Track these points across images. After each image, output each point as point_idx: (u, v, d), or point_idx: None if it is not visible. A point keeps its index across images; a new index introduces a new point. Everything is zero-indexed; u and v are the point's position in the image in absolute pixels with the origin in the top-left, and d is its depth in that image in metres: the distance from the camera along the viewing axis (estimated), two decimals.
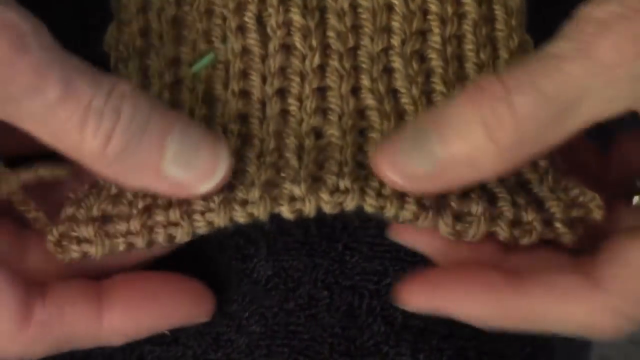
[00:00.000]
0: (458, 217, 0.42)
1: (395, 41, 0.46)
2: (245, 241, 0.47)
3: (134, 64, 0.46)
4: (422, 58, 0.46)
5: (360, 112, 0.45)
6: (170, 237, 0.43)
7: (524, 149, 0.40)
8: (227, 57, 0.46)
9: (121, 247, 0.43)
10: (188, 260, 0.46)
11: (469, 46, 0.46)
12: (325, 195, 0.42)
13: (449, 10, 0.46)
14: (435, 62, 0.46)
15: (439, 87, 0.46)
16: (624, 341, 1.14)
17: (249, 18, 0.46)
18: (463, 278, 0.42)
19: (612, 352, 1.16)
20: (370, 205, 0.42)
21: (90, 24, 0.48)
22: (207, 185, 0.42)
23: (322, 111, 0.45)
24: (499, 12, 0.47)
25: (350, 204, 0.42)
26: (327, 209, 0.42)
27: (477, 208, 0.42)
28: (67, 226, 0.43)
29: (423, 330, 0.47)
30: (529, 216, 0.43)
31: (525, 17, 0.47)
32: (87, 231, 0.43)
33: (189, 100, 0.45)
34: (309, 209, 0.42)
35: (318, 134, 0.45)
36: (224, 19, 0.47)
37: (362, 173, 0.43)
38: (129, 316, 0.43)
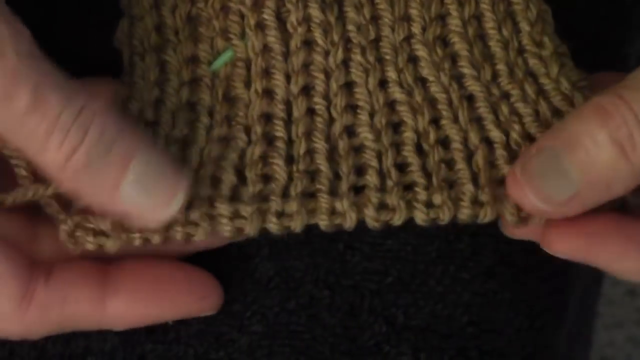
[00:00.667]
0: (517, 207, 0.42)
1: (416, 29, 0.46)
2: (246, 241, 0.47)
3: (151, 59, 0.46)
4: (445, 43, 0.46)
5: (390, 106, 0.45)
6: (188, 236, 0.42)
7: None
8: (247, 54, 0.46)
9: (137, 242, 0.42)
10: (189, 259, 0.46)
11: (489, 24, 0.46)
12: (371, 213, 0.42)
13: None
14: (459, 45, 0.46)
15: (467, 70, 0.45)
16: (624, 341, 1.14)
17: (268, 15, 0.46)
18: (613, 225, 0.42)
19: (612, 352, 1.16)
20: (421, 219, 0.42)
21: (95, 21, 0.48)
22: (162, 215, 0.41)
23: (352, 108, 0.45)
24: None
25: (398, 221, 0.42)
26: (374, 226, 0.42)
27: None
28: (82, 217, 0.43)
29: (424, 330, 0.47)
30: None
31: None
32: (104, 224, 0.42)
33: (209, 99, 0.45)
34: (350, 224, 0.42)
35: (350, 133, 0.45)
36: (242, 16, 0.46)
37: (406, 180, 0.43)
38: (133, 303, 0.43)
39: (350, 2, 0.46)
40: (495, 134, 0.44)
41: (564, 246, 0.43)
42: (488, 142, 0.44)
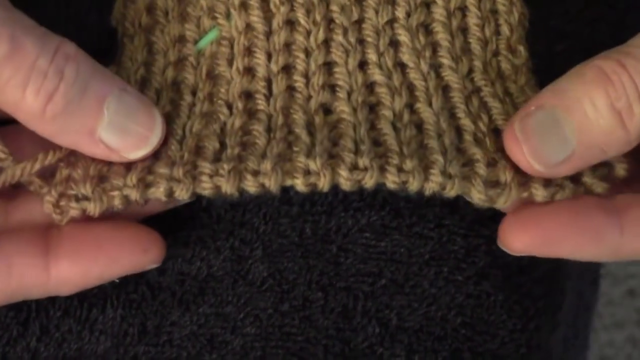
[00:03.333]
0: (489, 184, 0.43)
1: (400, 13, 0.46)
2: (240, 242, 0.47)
3: (139, 40, 0.46)
4: (428, 31, 0.46)
5: (369, 87, 0.45)
6: (170, 192, 0.42)
7: None
8: (231, 34, 0.46)
9: (117, 202, 0.43)
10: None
11: (473, 20, 0.46)
12: (344, 172, 0.42)
13: None
14: (441, 35, 0.46)
15: (446, 61, 0.46)
16: (624, 341, 1.14)
17: None
18: (567, 218, 0.43)
19: (612, 352, 1.15)
20: (392, 181, 0.42)
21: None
22: (139, 152, 0.42)
23: (330, 87, 0.45)
24: None
25: (369, 182, 0.42)
26: (346, 186, 0.42)
27: (505, 177, 0.42)
28: (64, 186, 0.43)
29: (418, 332, 0.47)
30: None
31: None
32: (85, 188, 0.43)
33: (193, 78, 0.46)
34: (323, 184, 0.42)
35: (327, 110, 0.45)
36: None
37: (379, 150, 0.43)
38: (75, 264, 0.42)
39: None
40: (465, 122, 0.45)
41: (521, 245, 0.43)
42: (458, 130, 0.45)
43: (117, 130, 0.42)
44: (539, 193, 0.43)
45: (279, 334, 0.47)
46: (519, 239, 0.43)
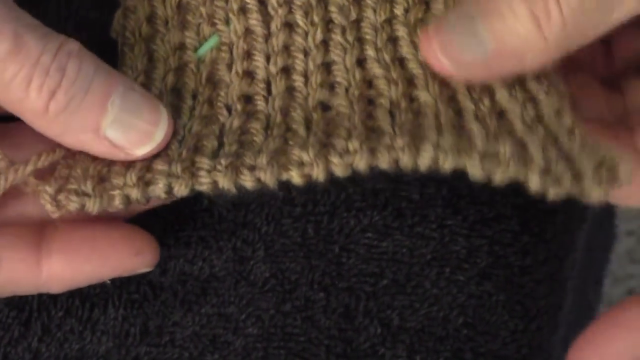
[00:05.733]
0: (486, 157, 0.42)
1: (398, 10, 0.46)
2: (242, 243, 0.47)
3: (139, 49, 0.46)
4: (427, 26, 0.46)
5: (368, 82, 0.45)
6: (169, 189, 0.42)
7: (569, 43, 0.41)
8: (230, 39, 0.46)
9: (117, 201, 0.42)
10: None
11: None
12: (334, 159, 0.42)
13: None
14: None
15: None
16: None
17: None
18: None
19: None
20: (383, 161, 0.42)
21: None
22: (144, 148, 0.42)
23: (329, 85, 0.45)
24: None
25: (361, 164, 0.42)
26: (338, 171, 0.42)
27: (504, 149, 0.42)
28: (64, 180, 0.43)
29: (419, 332, 0.47)
30: (558, 168, 0.42)
31: None
32: (85, 185, 0.42)
33: (193, 84, 0.46)
34: (317, 173, 0.42)
35: (325, 107, 0.45)
36: (227, 1, 0.47)
37: (373, 136, 0.43)
38: (67, 262, 0.42)
39: None
40: (466, 104, 0.44)
41: None
42: (458, 112, 0.44)
43: (121, 126, 0.41)
44: (533, 180, 0.42)
45: (281, 335, 0.47)
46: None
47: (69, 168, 0.44)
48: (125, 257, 0.43)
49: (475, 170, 0.41)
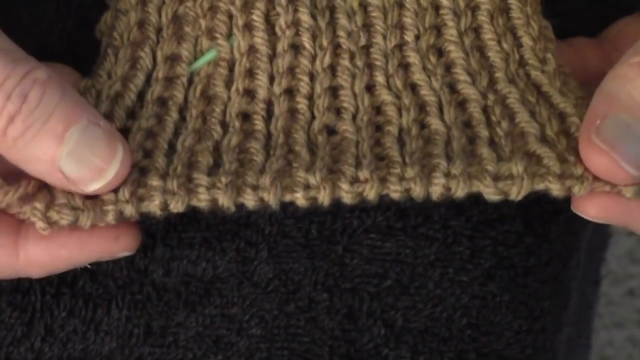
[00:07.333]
0: (499, 179, 0.41)
1: (409, 37, 0.46)
2: (245, 244, 0.47)
3: (124, 54, 0.46)
4: (440, 52, 0.46)
5: (377, 109, 0.45)
6: (165, 205, 0.42)
7: None
8: (231, 55, 0.46)
9: (110, 217, 0.42)
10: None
11: (488, 36, 0.46)
12: (344, 185, 0.42)
13: (461, 3, 0.46)
14: (455, 54, 0.46)
15: (462, 77, 0.45)
16: (624, 341, 1.14)
17: (257, 17, 0.46)
18: None
19: (612, 352, 1.16)
20: (394, 191, 0.42)
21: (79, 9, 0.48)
22: (95, 185, 0.41)
23: (336, 110, 0.45)
24: (512, 1, 0.46)
25: (371, 193, 0.42)
26: (347, 199, 0.42)
27: (517, 169, 0.42)
28: (53, 196, 0.42)
29: (423, 333, 0.47)
30: (577, 170, 0.42)
31: (540, 2, 0.47)
32: (73, 200, 0.42)
33: (182, 97, 0.45)
34: (323, 197, 0.42)
35: (332, 131, 0.45)
36: (230, 16, 0.46)
37: (382, 164, 0.43)
38: (45, 247, 0.42)
39: (343, 10, 0.46)
40: (479, 129, 0.44)
41: (598, 210, 0.42)
42: (471, 138, 0.44)
43: (75, 160, 0.41)
44: (554, 186, 0.42)
45: (285, 335, 0.47)
46: (597, 205, 0.42)
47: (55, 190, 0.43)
48: (104, 242, 0.42)
49: (489, 193, 0.41)
